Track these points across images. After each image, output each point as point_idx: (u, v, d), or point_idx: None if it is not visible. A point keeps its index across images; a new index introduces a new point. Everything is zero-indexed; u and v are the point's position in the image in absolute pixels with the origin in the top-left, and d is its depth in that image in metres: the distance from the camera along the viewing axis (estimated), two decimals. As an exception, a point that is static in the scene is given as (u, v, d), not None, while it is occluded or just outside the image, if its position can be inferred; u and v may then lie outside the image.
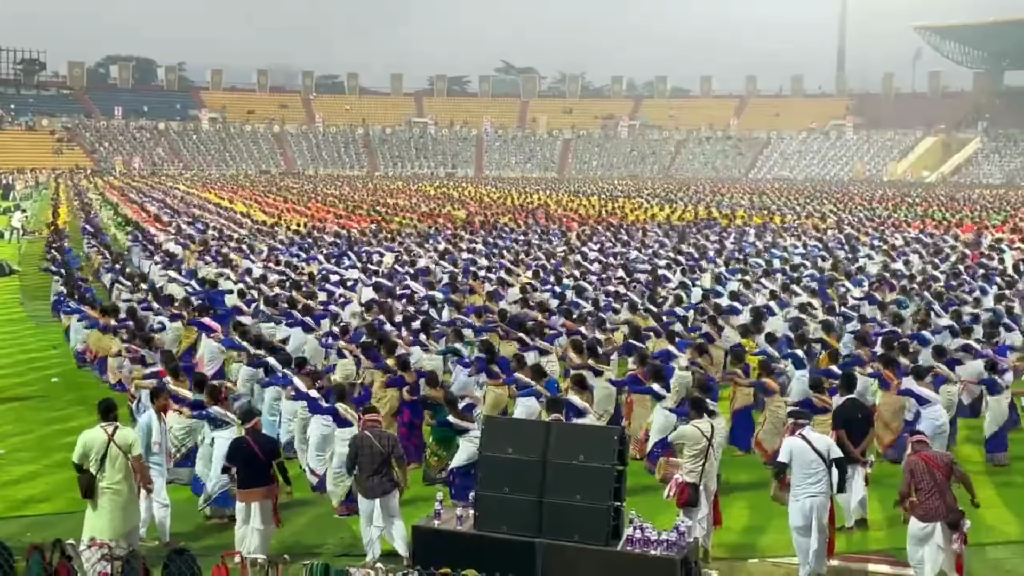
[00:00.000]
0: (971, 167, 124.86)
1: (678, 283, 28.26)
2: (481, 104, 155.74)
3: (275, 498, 12.51)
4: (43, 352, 25.66)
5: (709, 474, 12.53)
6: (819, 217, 53.87)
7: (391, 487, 12.53)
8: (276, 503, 12.55)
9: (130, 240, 40.85)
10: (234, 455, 12.53)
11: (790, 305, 24.28)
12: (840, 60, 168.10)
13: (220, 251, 34.64)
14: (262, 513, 12.32)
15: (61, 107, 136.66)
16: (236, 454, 12.50)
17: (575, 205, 66.01)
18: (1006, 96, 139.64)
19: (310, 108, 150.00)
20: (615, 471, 11.06)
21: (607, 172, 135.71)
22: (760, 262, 33.23)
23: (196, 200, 68.34)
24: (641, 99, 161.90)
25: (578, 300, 25.09)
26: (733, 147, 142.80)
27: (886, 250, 36.29)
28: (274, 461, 12.49)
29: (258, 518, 12.29)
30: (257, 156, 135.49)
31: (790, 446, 12.11)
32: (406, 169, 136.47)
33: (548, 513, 11.09)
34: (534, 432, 11.75)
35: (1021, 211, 59.99)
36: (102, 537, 10.90)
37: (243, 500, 12.41)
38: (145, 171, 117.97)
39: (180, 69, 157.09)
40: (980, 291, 26.28)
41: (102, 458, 11.72)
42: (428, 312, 23.60)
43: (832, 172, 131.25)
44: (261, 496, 12.33)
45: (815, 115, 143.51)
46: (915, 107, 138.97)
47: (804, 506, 11.92)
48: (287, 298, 24.73)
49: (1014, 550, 13.14)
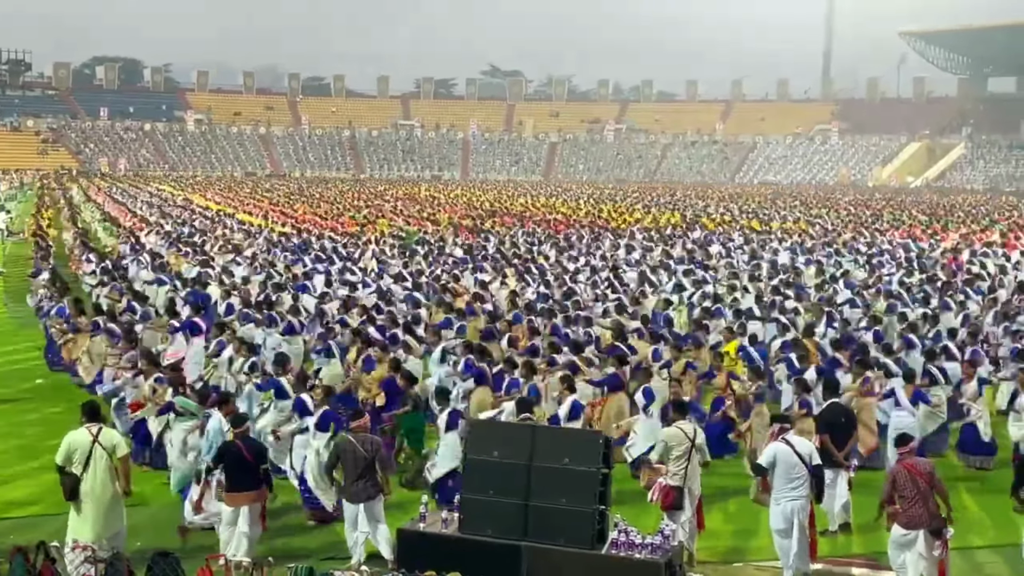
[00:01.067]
0: (955, 172, 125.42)
1: (666, 286, 28.39)
2: (467, 107, 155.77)
3: (264, 501, 12.49)
4: (27, 354, 25.55)
5: (693, 477, 12.57)
6: (807, 221, 54.05)
7: (375, 492, 12.49)
8: (264, 507, 12.53)
9: (120, 243, 40.62)
10: (223, 458, 12.49)
11: (776, 309, 24.35)
12: (826, 65, 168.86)
13: (205, 253, 34.56)
14: (250, 516, 12.28)
15: (46, 108, 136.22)
16: (225, 457, 12.45)
17: (564, 208, 66.07)
18: (990, 102, 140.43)
19: (296, 110, 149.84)
20: (600, 475, 11.09)
21: (593, 176, 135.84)
22: (745, 266, 33.36)
23: (181, 202, 68.18)
24: (627, 103, 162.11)
25: (566, 302, 25.14)
26: (719, 152, 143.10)
27: (870, 256, 36.41)
28: (262, 466, 12.45)
29: (246, 521, 12.25)
30: (243, 158, 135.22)
31: (774, 450, 12.16)
32: (392, 172, 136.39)
33: (533, 516, 11.11)
34: (519, 435, 11.78)
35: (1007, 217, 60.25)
36: (85, 540, 10.87)
37: (232, 503, 12.35)
38: (130, 172, 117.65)
39: (166, 70, 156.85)
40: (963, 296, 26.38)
41: (86, 460, 11.68)
42: (417, 314, 23.58)
43: (817, 177, 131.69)
44: (250, 500, 12.28)
45: (801, 120, 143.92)
46: (900, 112, 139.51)
47: (785, 509, 11.97)
48: (271, 300, 24.71)
49: (995, 554, 13.21)
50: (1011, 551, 12.93)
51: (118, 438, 12.15)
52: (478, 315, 23.18)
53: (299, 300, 24.77)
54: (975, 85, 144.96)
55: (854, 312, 24.34)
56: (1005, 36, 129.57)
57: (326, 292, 26.65)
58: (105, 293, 26.38)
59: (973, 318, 23.57)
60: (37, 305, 27.71)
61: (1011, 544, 13.09)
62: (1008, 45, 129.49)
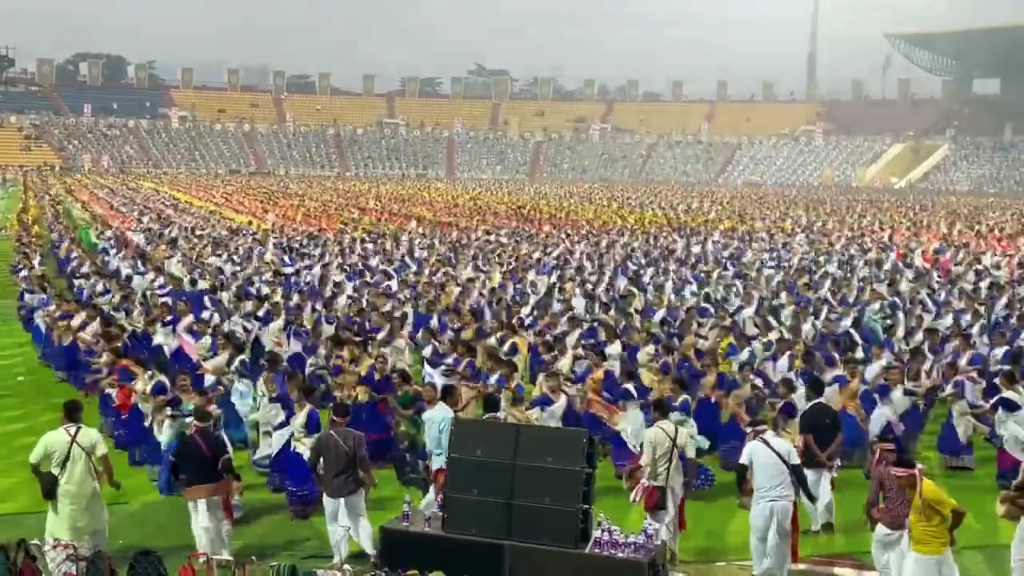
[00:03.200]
0: (939, 173, 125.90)
1: (650, 284, 28.41)
2: (453, 106, 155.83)
3: (226, 495, 12.35)
4: (9, 350, 25.43)
5: (675, 477, 12.56)
6: (793, 221, 54.17)
7: (356, 487, 12.43)
8: (228, 500, 12.42)
9: (104, 241, 40.40)
10: (181, 452, 12.43)
11: (762, 307, 24.39)
12: (811, 66, 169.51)
13: (191, 250, 34.48)
14: (208, 510, 12.12)
15: (30, 104, 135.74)
16: (183, 451, 12.39)
17: (552, 208, 66.02)
18: (974, 104, 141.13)
19: (281, 108, 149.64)
20: (584, 474, 11.06)
21: (578, 175, 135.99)
22: (730, 265, 33.41)
23: (166, 198, 67.93)
24: (613, 103, 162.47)
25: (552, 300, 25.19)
26: (704, 152, 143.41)
27: (851, 256, 36.53)
28: (221, 458, 12.30)
29: (204, 516, 12.11)
30: (227, 155, 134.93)
31: (751, 449, 12.14)
32: (377, 170, 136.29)
33: (517, 515, 11.08)
34: (503, 434, 11.74)
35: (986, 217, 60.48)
36: (64, 539, 10.80)
37: (190, 497, 12.28)
38: (114, 169, 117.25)
39: (150, 67, 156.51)
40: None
41: (64, 459, 11.61)
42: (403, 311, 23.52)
43: (802, 178, 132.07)
44: (206, 493, 12.12)
45: (786, 121, 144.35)
46: (884, 114, 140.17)
47: (765, 509, 11.94)
48: (258, 296, 24.66)
49: (979, 554, 13.22)
50: (993, 552, 12.95)
51: (96, 437, 12.04)
52: (463, 313, 23.12)
53: (291, 298, 24.71)
54: (959, 87, 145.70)
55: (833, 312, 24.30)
56: (989, 39, 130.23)
57: (310, 288, 26.61)
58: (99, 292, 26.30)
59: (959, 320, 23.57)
60: (20, 303, 27.56)
61: (993, 545, 13.11)
62: (992, 48, 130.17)
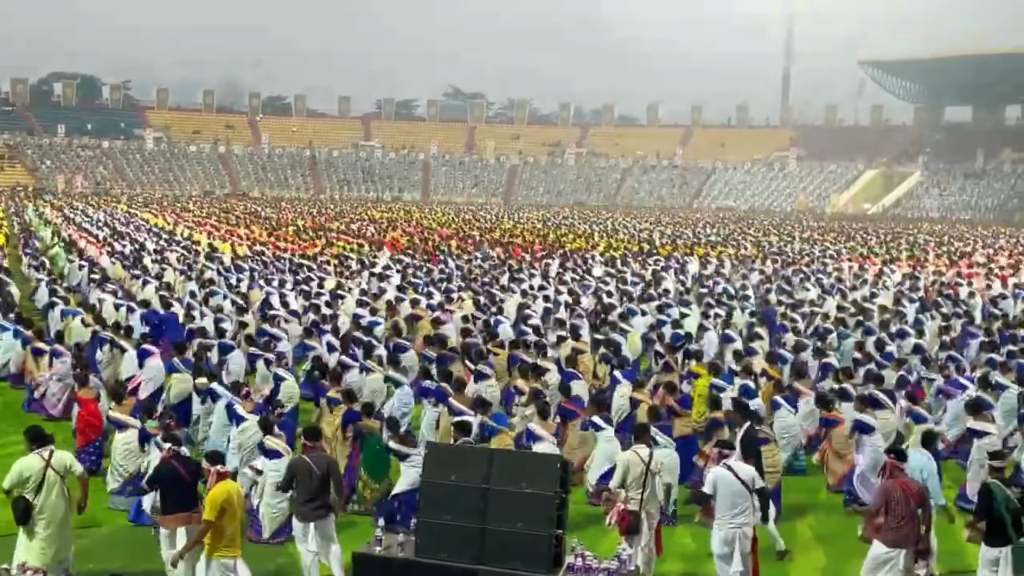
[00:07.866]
0: (911, 200, 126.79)
1: (624, 311, 28.36)
2: (428, 128, 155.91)
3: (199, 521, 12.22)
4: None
5: (651, 501, 12.56)
6: (767, 246, 54.43)
7: (327, 512, 12.39)
8: None
9: (72, 263, 40.06)
10: (159, 479, 12.17)
11: (735, 336, 24.48)
12: (785, 92, 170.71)
13: (161, 273, 34.34)
14: (189, 537, 11.85)
15: (2, 124, 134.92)
16: (161, 478, 12.11)
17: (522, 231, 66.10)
18: (946, 131, 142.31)
19: (256, 129, 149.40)
20: (557, 499, 11.07)
21: (553, 199, 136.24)
22: (704, 292, 33.51)
23: (139, 222, 67.59)
24: (588, 127, 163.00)
25: (523, 327, 25.15)
26: (678, 176, 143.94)
27: (830, 284, 36.75)
28: (200, 482, 12.15)
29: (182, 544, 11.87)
30: (202, 176, 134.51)
31: (715, 476, 12.14)
32: (352, 192, 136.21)
33: (489, 540, 11.07)
34: (477, 459, 11.73)
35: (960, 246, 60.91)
36: (34, 563, 10.71)
37: (169, 525, 11.94)
38: (88, 190, 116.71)
39: (125, 87, 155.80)
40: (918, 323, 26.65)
41: (39, 484, 11.53)
42: (372, 336, 23.47)
43: (775, 203, 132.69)
44: (185, 522, 11.80)
45: (760, 146, 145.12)
46: (857, 140, 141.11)
47: (727, 536, 11.95)
48: (232, 323, 24.59)
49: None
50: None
51: (70, 459, 11.98)
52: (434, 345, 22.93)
53: (269, 322, 24.58)
54: (932, 114, 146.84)
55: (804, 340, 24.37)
56: (961, 67, 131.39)
57: (284, 314, 26.49)
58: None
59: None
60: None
61: (962, 571, 13.17)
62: (964, 75, 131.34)
